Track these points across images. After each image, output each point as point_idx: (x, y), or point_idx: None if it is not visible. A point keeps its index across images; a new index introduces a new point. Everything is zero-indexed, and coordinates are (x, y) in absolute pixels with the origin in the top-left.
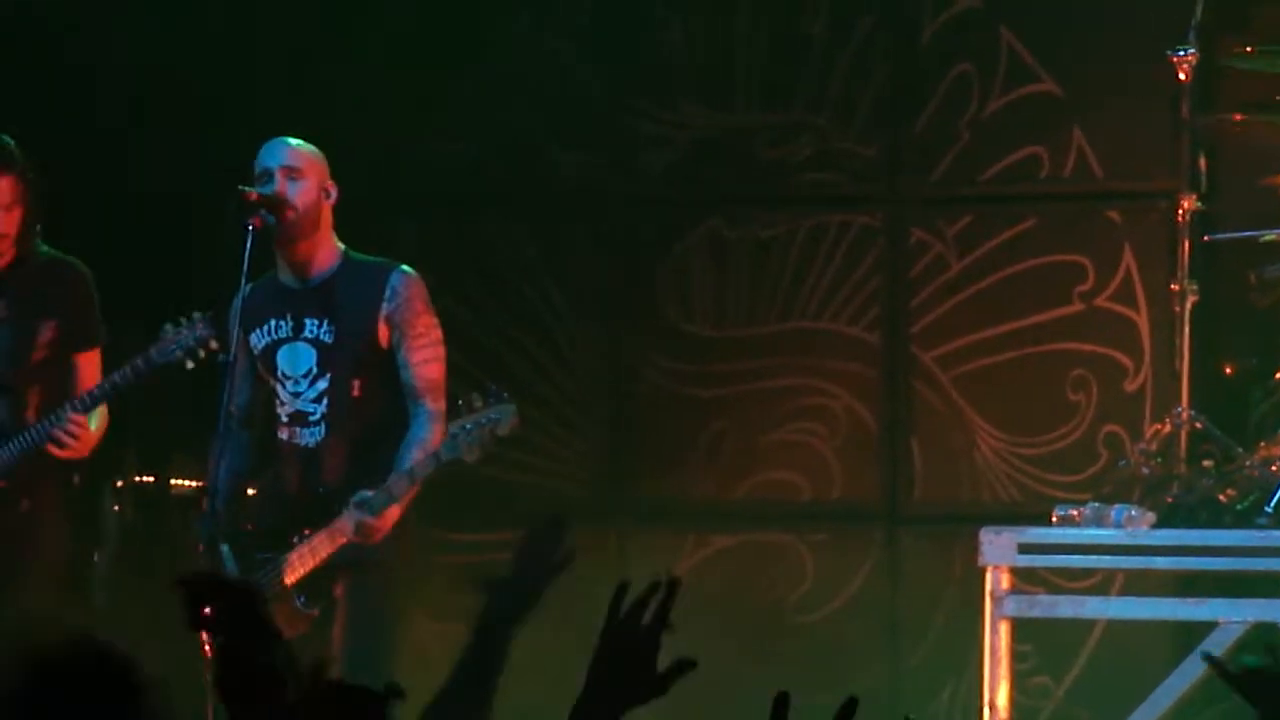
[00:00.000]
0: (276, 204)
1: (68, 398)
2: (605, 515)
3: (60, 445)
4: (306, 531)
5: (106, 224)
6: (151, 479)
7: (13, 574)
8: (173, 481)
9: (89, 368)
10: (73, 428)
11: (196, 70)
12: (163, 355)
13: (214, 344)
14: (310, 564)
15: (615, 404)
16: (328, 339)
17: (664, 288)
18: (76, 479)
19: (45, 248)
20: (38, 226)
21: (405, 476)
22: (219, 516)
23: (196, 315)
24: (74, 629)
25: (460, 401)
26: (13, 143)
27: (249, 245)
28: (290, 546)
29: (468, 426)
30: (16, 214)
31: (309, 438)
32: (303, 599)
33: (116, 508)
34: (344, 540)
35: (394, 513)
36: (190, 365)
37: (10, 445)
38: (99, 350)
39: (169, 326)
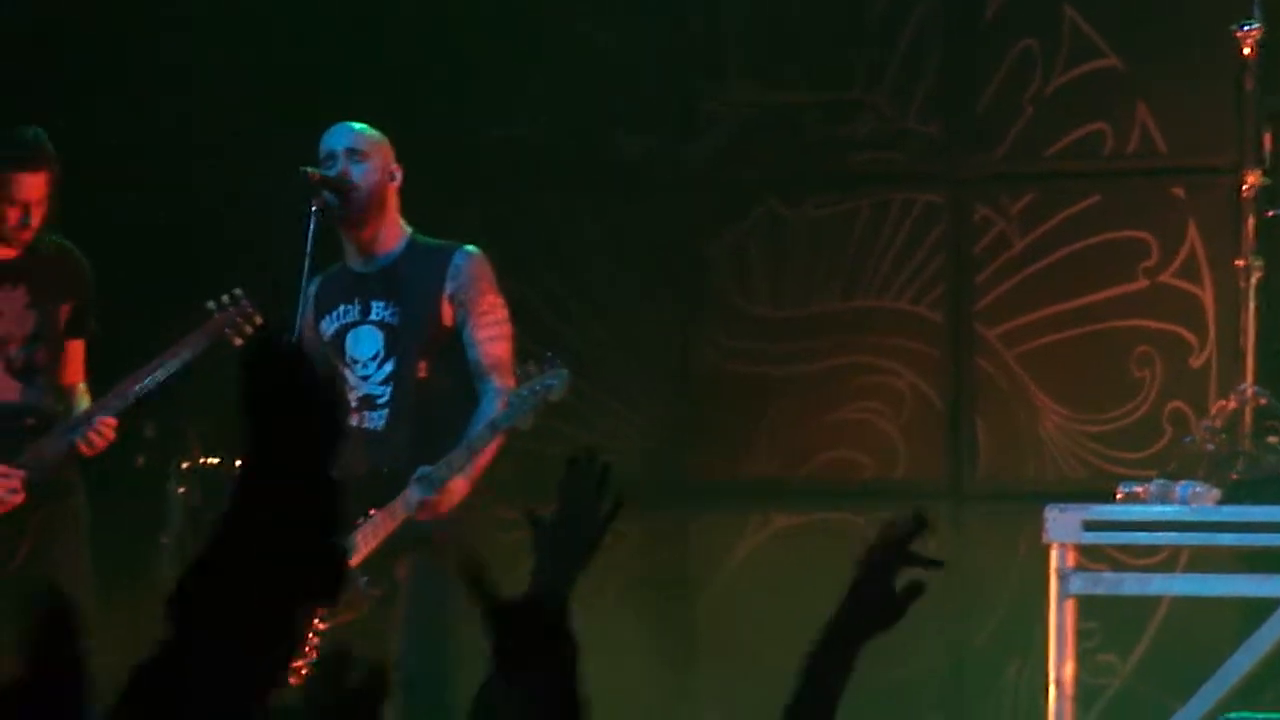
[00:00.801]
0: (340, 185)
1: (58, 383)
2: (667, 495)
3: (91, 446)
4: (371, 512)
5: (158, 213)
6: (216, 460)
7: (62, 558)
8: (238, 463)
9: (76, 356)
10: (105, 430)
11: (260, 56)
12: (211, 336)
13: (259, 319)
14: (373, 543)
15: (677, 384)
16: (394, 321)
17: (725, 267)
18: (140, 460)
19: (53, 235)
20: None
21: (465, 449)
22: None
23: (238, 292)
24: None
25: (517, 371)
26: (45, 137)
27: (312, 227)
28: (354, 528)
29: (523, 393)
30: (43, 209)
31: (376, 421)
32: (365, 579)
33: (181, 489)
34: (405, 517)
35: (460, 489)
36: (239, 342)
37: (54, 441)
38: (85, 342)
39: (213, 305)
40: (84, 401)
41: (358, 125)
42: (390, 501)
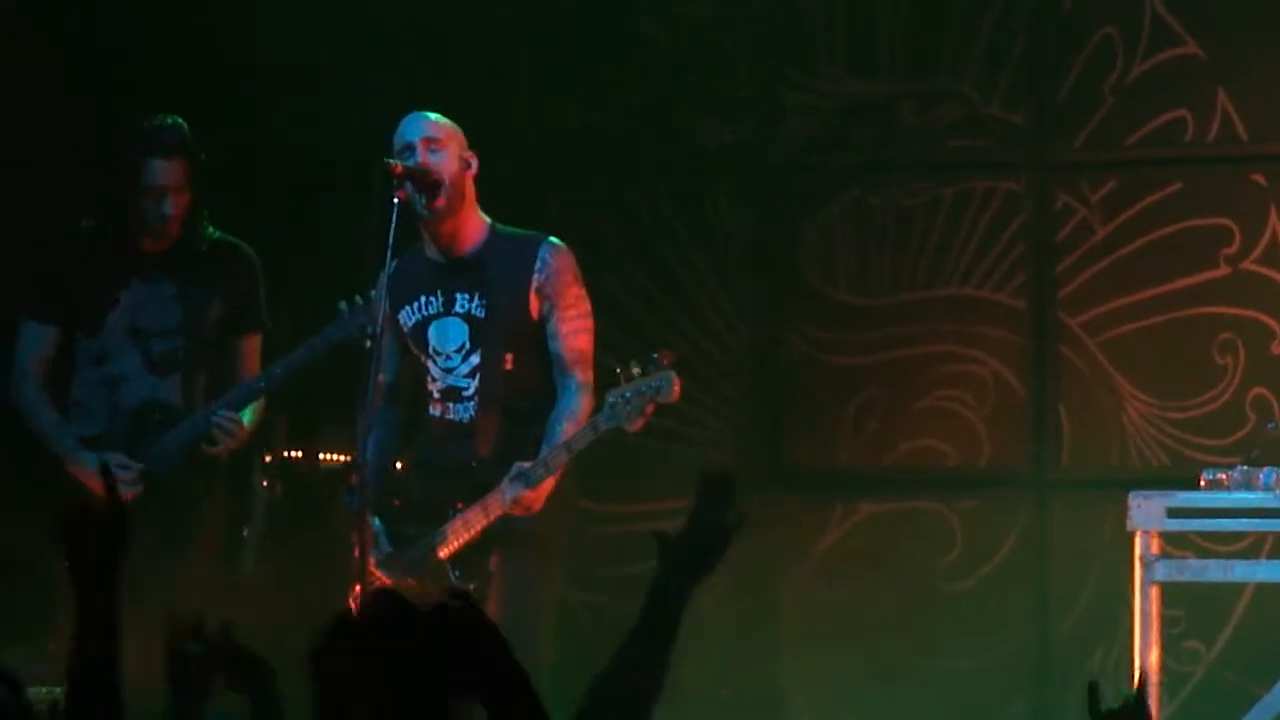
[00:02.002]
0: (422, 175)
1: (233, 380)
2: (752, 484)
3: (214, 443)
4: (460, 505)
5: (244, 206)
6: (300, 454)
7: (171, 554)
8: (321, 456)
9: (250, 353)
10: (227, 424)
11: (337, 48)
12: (340, 333)
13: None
14: (464, 538)
15: (762, 373)
16: (480, 313)
17: (810, 255)
18: (269, 458)
19: (214, 230)
20: (205, 210)
21: (563, 448)
22: (368, 491)
23: (372, 293)
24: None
25: (618, 370)
26: (185, 125)
27: (394, 219)
28: (444, 520)
29: (627, 395)
30: (185, 196)
31: (462, 413)
32: (457, 573)
33: (265, 483)
34: (499, 513)
35: (549, 485)
36: (369, 344)
37: (175, 436)
38: (260, 336)
39: (344, 305)
40: (257, 406)
41: (431, 114)
42: (479, 494)
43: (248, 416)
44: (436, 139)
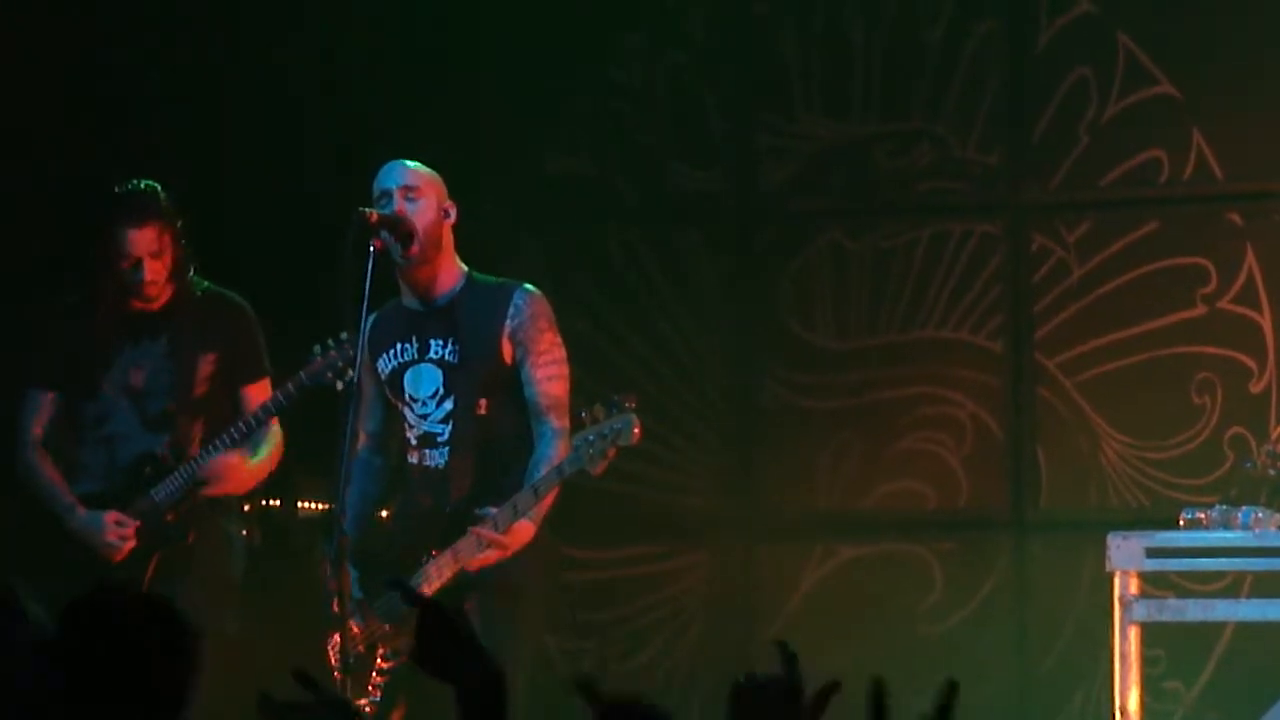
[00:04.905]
0: (398, 224)
1: (199, 435)
2: (732, 527)
3: (207, 485)
4: (434, 552)
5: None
6: (277, 502)
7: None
8: (299, 504)
9: (256, 399)
10: (217, 467)
11: (320, 96)
12: (313, 379)
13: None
14: (436, 584)
15: (739, 417)
16: (453, 359)
17: (786, 299)
18: (247, 507)
19: (205, 283)
20: (191, 266)
21: (529, 492)
22: (347, 540)
23: (343, 336)
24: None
25: (583, 414)
26: (159, 189)
27: (370, 267)
28: (418, 567)
29: (590, 438)
30: (165, 260)
31: (438, 459)
32: None
33: (245, 532)
34: (469, 558)
35: (526, 531)
36: (340, 387)
37: (167, 485)
38: (266, 381)
39: (318, 349)
40: (273, 442)
41: (410, 162)
42: (453, 541)
43: (262, 454)
44: (414, 187)
